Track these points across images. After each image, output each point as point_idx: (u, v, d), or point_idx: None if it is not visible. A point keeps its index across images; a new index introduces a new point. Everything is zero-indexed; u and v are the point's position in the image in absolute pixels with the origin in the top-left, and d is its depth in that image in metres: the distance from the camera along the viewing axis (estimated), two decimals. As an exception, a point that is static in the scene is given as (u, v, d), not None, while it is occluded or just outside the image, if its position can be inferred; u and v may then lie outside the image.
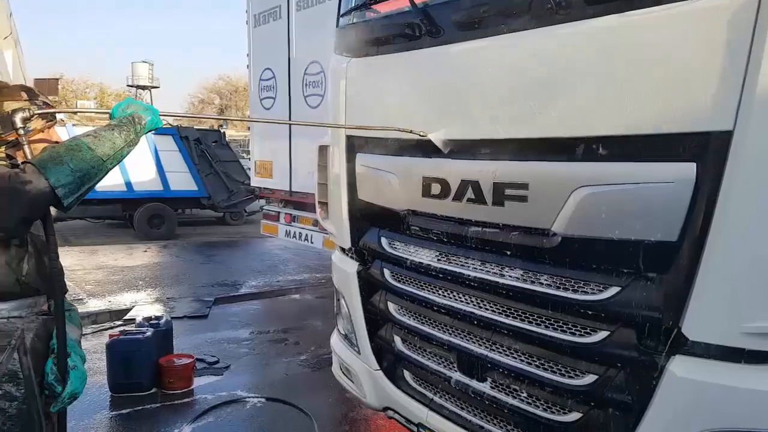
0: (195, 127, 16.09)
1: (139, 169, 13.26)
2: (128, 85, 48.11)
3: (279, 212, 8.11)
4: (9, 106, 2.01)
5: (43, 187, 1.72)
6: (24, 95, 2.06)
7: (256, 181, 8.60)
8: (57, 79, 20.93)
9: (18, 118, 1.86)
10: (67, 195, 1.77)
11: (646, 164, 1.80)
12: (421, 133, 2.41)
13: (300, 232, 7.69)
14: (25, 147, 1.86)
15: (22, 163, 1.77)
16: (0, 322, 1.89)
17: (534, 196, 2.05)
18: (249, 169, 11.61)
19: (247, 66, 8.45)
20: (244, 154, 21.55)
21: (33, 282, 1.97)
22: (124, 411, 4.32)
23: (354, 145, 2.92)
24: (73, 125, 13.16)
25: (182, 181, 14.38)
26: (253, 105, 8.46)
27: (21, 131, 1.87)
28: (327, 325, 5.79)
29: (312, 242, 7.49)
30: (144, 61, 46.81)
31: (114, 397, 4.53)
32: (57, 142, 2.11)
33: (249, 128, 11.62)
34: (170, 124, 15.36)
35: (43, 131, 2.10)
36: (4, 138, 2.02)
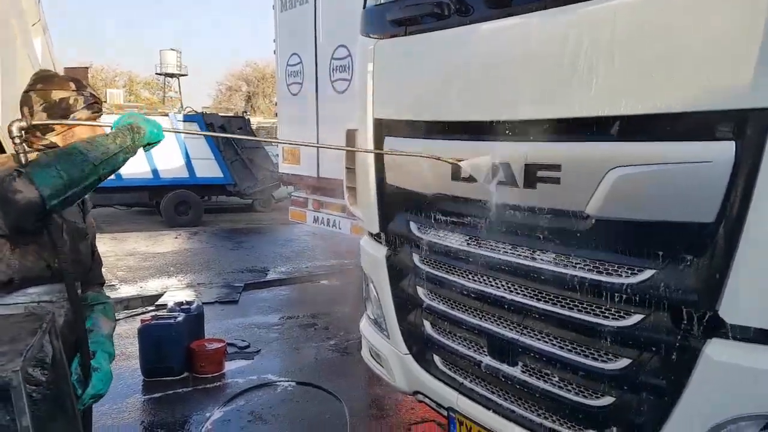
0: (220, 113, 16.21)
1: (165, 156, 13.43)
2: (157, 73, 48.66)
3: (307, 198, 8.14)
4: (57, 94, 2.03)
5: (33, 197, 1.68)
6: (72, 85, 2.09)
7: (283, 168, 8.63)
8: (86, 68, 21.22)
9: (15, 128, 1.80)
10: (51, 196, 1.71)
11: (684, 143, 1.76)
12: (453, 161, 2.37)
13: (328, 219, 7.71)
14: (21, 156, 1.80)
15: (17, 170, 1.73)
16: (30, 305, 1.92)
17: (567, 177, 2.01)
18: (276, 155, 11.67)
19: (274, 52, 8.47)
20: (272, 141, 21.69)
21: None
22: (156, 395, 4.41)
23: (382, 129, 2.91)
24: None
25: (208, 168, 14.56)
26: (280, 91, 8.49)
27: (17, 140, 1.80)
28: (355, 311, 5.79)
29: (340, 228, 7.51)
30: (172, 49, 47.25)
31: (146, 382, 4.62)
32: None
33: (276, 115, 11.64)
34: (195, 111, 15.48)
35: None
36: (50, 126, 2.06)
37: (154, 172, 13.77)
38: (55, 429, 1.79)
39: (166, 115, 15.41)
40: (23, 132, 1.82)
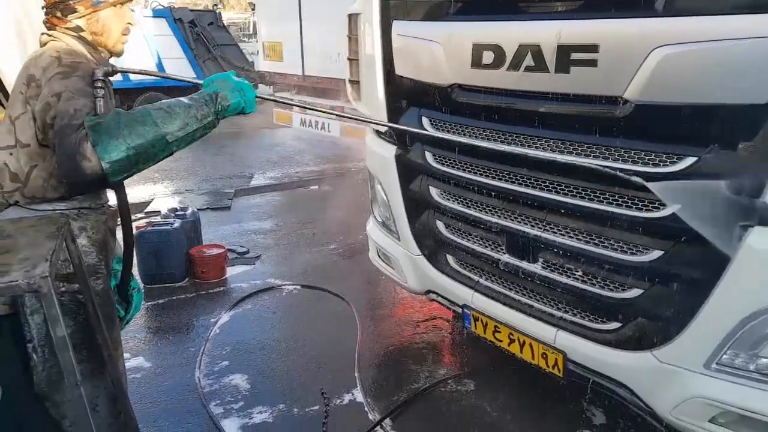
0: (189, 7, 15.20)
1: (133, 57, 12.60)
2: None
3: (293, 99, 7.85)
4: None
5: (96, 171, 1.57)
6: None
7: (265, 65, 8.26)
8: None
9: (100, 73, 1.68)
10: (115, 172, 1.59)
11: (737, 17, 1.62)
12: None
13: (316, 121, 7.47)
14: (98, 101, 1.67)
15: (88, 127, 1.59)
16: (72, 213, 1.84)
17: (605, 59, 1.85)
18: (253, 53, 11.02)
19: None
20: (245, 38, 20.70)
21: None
22: (160, 301, 4.37)
23: (390, 11, 2.66)
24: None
25: (179, 68, 13.78)
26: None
27: (99, 84, 1.67)
28: (352, 216, 5.74)
29: (329, 131, 7.29)
30: (133, -58, 44.11)
31: (147, 288, 4.57)
32: (129, 23, 1.99)
33: (253, 9, 10.97)
34: (162, 6, 14.57)
35: (115, 6, 1.93)
36: (71, 5, 1.85)
37: (123, 74, 13.09)
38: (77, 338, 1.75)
39: (133, 10, 14.42)
40: (105, 75, 1.71)
